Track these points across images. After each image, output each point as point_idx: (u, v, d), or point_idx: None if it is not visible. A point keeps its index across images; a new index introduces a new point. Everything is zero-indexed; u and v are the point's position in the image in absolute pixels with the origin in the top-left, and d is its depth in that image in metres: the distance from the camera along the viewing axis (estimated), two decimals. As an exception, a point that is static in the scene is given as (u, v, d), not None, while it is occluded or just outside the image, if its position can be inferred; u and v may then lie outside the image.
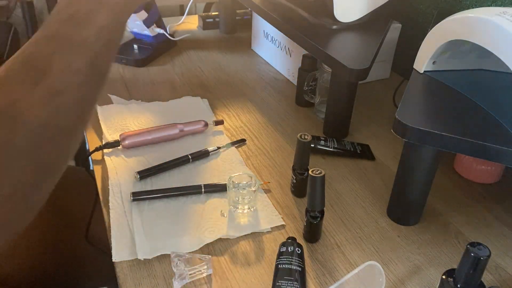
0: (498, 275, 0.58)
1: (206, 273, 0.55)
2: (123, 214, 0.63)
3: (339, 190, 0.71)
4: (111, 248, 0.58)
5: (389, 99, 0.93)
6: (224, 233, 0.61)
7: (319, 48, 0.75)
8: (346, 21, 0.84)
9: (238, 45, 1.19)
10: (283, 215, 0.65)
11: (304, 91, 0.88)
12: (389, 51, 1.01)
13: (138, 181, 0.69)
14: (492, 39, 0.56)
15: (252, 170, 0.73)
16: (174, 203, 0.65)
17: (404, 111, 0.58)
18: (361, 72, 0.69)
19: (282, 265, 0.54)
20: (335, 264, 0.58)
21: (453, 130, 0.54)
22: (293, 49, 0.97)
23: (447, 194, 0.71)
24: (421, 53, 0.68)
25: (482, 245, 0.45)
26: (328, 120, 0.83)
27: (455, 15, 0.62)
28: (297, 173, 0.67)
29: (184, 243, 0.59)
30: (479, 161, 0.72)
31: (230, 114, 0.88)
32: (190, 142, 0.78)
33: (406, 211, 0.64)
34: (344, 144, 0.79)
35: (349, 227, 0.64)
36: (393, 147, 0.81)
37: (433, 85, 0.66)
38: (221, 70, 1.06)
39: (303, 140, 0.64)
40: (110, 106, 0.86)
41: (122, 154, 0.74)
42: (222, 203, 0.66)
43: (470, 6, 0.88)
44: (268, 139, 0.82)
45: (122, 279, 0.55)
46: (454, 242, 0.62)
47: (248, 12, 1.29)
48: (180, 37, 1.18)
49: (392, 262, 0.59)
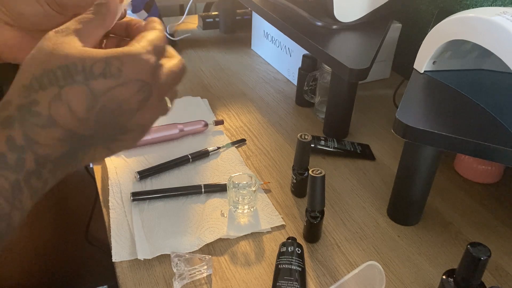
0: (498, 275, 0.58)
1: (206, 273, 0.55)
2: (123, 214, 0.63)
3: (339, 190, 0.71)
4: (111, 248, 0.58)
5: (389, 99, 0.93)
6: (224, 233, 0.61)
7: (319, 48, 0.75)
8: (346, 21, 0.84)
9: (238, 45, 1.19)
10: (283, 215, 0.65)
11: (304, 91, 0.88)
12: (389, 51, 1.01)
13: (138, 181, 0.69)
14: (492, 39, 0.56)
15: (252, 170, 0.73)
16: (174, 203, 0.65)
17: (404, 111, 0.58)
18: (361, 72, 0.69)
19: (282, 265, 0.54)
20: (335, 264, 0.58)
21: (453, 130, 0.54)
22: (293, 49, 0.97)
23: (447, 194, 0.71)
24: (421, 53, 0.68)
25: (482, 245, 0.45)
26: (328, 120, 0.83)
27: (455, 15, 0.62)
28: (297, 173, 0.67)
29: (184, 243, 0.59)
30: (479, 161, 0.72)
31: (230, 114, 0.88)
32: (190, 142, 0.78)
33: (406, 211, 0.64)
34: (344, 144, 0.79)
35: (349, 227, 0.64)
36: (393, 147, 0.81)
37: (433, 85, 0.65)
38: (221, 70, 1.06)
39: (303, 140, 0.64)
40: (110, 106, 0.86)
41: (122, 154, 0.74)
42: (222, 203, 0.66)
43: (470, 6, 0.88)
44: (268, 139, 0.82)
45: (122, 279, 0.55)
46: (454, 242, 0.62)
47: (248, 12, 1.29)
48: (180, 37, 1.18)
49: (392, 262, 0.59)
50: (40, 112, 0.34)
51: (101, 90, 0.35)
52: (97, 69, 0.34)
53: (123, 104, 0.36)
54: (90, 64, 0.34)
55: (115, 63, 0.35)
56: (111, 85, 0.35)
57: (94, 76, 0.34)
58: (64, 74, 0.34)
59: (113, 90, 0.35)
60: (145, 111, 0.38)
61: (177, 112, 0.86)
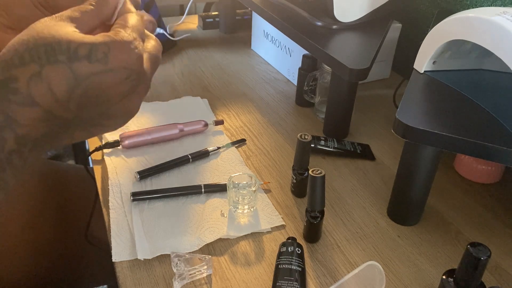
0: (498, 275, 0.58)
1: (206, 273, 0.55)
2: (123, 214, 0.63)
3: (339, 190, 0.71)
4: (111, 248, 0.58)
5: (389, 99, 0.93)
6: (224, 233, 0.61)
7: (319, 48, 0.75)
8: (346, 21, 0.84)
9: (238, 45, 1.19)
10: (283, 215, 0.65)
11: (304, 91, 0.88)
12: (389, 51, 1.01)
13: (138, 181, 0.69)
14: (492, 39, 0.56)
15: (252, 170, 0.73)
16: (174, 203, 0.65)
17: (404, 111, 0.58)
18: (361, 72, 0.69)
19: (282, 265, 0.54)
20: (335, 264, 0.58)
21: (453, 130, 0.54)
22: (293, 49, 0.97)
23: (447, 194, 0.71)
24: (421, 53, 0.68)
25: (482, 245, 0.45)
26: (328, 120, 0.83)
27: (455, 15, 0.62)
28: (297, 173, 0.67)
29: (184, 243, 0.59)
30: (479, 161, 0.72)
31: (230, 114, 0.88)
32: (190, 142, 0.78)
33: (406, 211, 0.64)
34: (344, 144, 0.79)
35: (349, 227, 0.64)
36: (393, 147, 0.81)
37: (433, 85, 0.65)
38: (221, 70, 1.06)
39: (303, 140, 0.64)
40: (110, 106, 0.86)
41: (122, 154, 0.74)
42: (222, 203, 0.66)
43: (470, 6, 0.88)
44: (268, 139, 0.82)
45: (122, 279, 0.55)
46: (454, 242, 0.62)
47: (248, 12, 1.29)
48: (180, 37, 1.18)
49: (392, 262, 0.59)
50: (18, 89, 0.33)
51: (84, 74, 0.34)
52: (82, 51, 0.34)
53: (109, 91, 0.36)
54: (75, 46, 0.34)
55: (101, 48, 0.34)
56: (96, 70, 0.34)
57: (78, 58, 0.34)
58: (47, 52, 0.33)
59: (98, 75, 0.35)
60: (132, 98, 0.38)
61: (177, 112, 0.86)
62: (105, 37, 0.35)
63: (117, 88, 0.36)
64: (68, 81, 0.34)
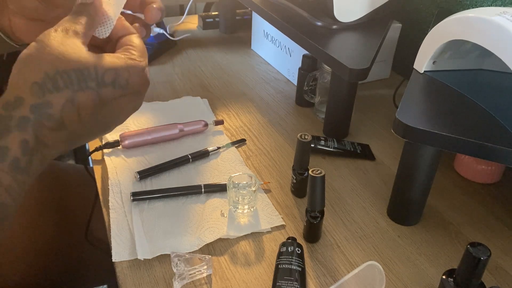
0: (498, 275, 0.58)
1: (206, 273, 0.55)
2: (123, 214, 0.63)
3: (339, 190, 0.71)
4: (111, 248, 0.58)
5: (389, 99, 0.93)
6: (224, 233, 0.61)
7: (319, 48, 0.75)
8: (346, 21, 0.84)
9: (238, 45, 1.19)
10: (283, 215, 0.65)
11: (304, 91, 0.88)
12: (389, 51, 1.01)
13: (138, 181, 0.69)
14: (492, 39, 0.56)
15: (252, 170, 0.73)
16: (174, 203, 0.65)
17: (404, 111, 0.58)
18: (361, 72, 0.69)
19: (282, 265, 0.54)
20: (335, 264, 0.58)
21: (453, 130, 0.54)
22: (293, 49, 0.97)
23: (447, 194, 0.71)
24: (421, 53, 0.68)
25: (482, 245, 0.45)
26: (328, 120, 0.83)
27: (455, 15, 0.62)
28: (297, 173, 0.67)
29: (184, 243, 0.59)
30: (479, 161, 0.72)
31: (230, 114, 0.88)
32: (190, 142, 0.78)
33: (406, 211, 0.64)
34: (344, 144, 0.79)
35: (349, 227, 0.64)
36: (393, 147, 0.81)
37: (433, 85, 0.65)
38: (221, 70, 1.06)
39: (303, 140, 0.64)
40: (110, 106, 0.86)
41: (122, 154, 0.74)
42: (222, 203, 0.66)
43: (470, 6, 0.88)
44: (268, 139, 0.82)
45: (122, 279, 0.55)
46: (454, 242, 0.62)
47: (248, 12, 1.29)
48: (180, 37, 1.18)
49: (392, 262, 0.59)
50: (52, 115, 0.35)
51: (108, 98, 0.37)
52: (108, 78, 0.37)
53: (121, 111, 0.39)
54: (102, 72, 0.36)
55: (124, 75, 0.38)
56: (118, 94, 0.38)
57: (105, 84, 0.36)
58: (78, 78, 0.35)
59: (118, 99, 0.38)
60: (128, 112, 0.42)
61: (177, 112, 0.86)
62: (122, 60, 0.38)
63: (128, 108, 0.40)
64: (94, 105, 0.37)
